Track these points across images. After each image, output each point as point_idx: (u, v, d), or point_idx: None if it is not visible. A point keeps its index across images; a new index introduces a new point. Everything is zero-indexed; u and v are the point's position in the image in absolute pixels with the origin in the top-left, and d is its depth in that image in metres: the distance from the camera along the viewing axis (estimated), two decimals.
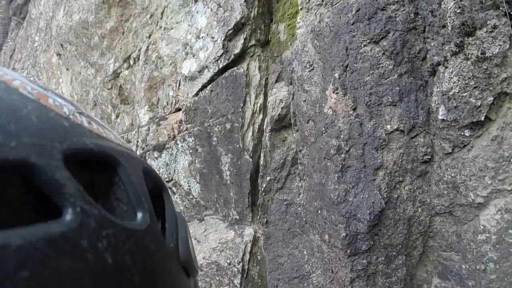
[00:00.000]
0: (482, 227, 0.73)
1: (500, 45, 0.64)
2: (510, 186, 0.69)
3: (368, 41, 0.78)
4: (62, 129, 0.20)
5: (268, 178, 0.94)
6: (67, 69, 1.85)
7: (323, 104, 0.78)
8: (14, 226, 0.16)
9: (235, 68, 1.10)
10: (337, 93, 0.76)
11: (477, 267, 0.73)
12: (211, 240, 1.09)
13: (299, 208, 0.91)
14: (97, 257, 0.18)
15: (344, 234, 0.71)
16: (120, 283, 0.19)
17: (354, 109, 0.73)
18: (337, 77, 0.78)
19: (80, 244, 0.18)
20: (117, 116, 1.57)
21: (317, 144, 0.77)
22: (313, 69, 0.91)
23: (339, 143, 0.72)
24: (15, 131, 0.17)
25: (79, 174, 0.21)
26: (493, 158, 0.70)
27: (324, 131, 0.75)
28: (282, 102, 0.97)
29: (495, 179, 0.70)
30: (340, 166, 0.71)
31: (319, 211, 0.79)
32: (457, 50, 0.69)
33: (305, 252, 0.90)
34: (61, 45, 1.83)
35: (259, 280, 1.00)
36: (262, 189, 0.95)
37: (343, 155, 0.71)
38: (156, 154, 1.29)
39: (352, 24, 0.81)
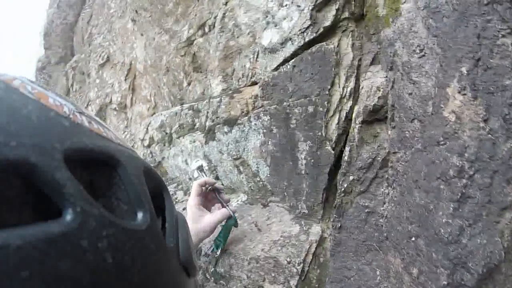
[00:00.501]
0: None
1: None
2: None
3: (508, 30, 0.60)
4: (62, 129, 0.20)
5: (351, 178, 0.83)
6: (142, 35, 1.83)
7: (441, 105, 0.63)
8: (14, 226, 0.16)
9: (324, 43, 0.96)
10: (464, 94, 0.60)
11: None
12: (273, 232, 1.03)
13: (381, 220, 0.79)
14: (97, 257, 0.18)
15: (445, 282, 0.58)
16: (120, 283, 0.19)
17: (486, 121, 0.57)
18: (465, 72, 0.61)
19: (80, 244, 0.17)
20: (188, 84, 1.52)
21: (428, 156, 0.63)
22: (424, 55, 0.75)
23: (463, 163, 0.56)
24: (15, 131, 0.17)
25: (79, 174, 0.21)
26: None
27: (442, 142, 0.60)
28: (380, 91, 0.83)
29: None
30: (459, 194, 0.56)
31: (413, 238, 0.66)
32: None
33: (377, 272, 0.79)
34: (136, 11, 1.79)
35: (317, 285, 0.92)
36: (343, 188, 0.84)
37: (464, 181, 0.56)
38: (226, 128, 1.22)
39: (486, 4, 0.63)
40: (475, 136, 0.56)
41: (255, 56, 1.16)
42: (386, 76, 0.85)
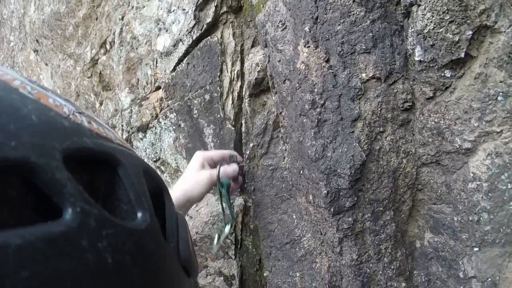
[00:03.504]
0: (472, 174, 0.69)
1: None
2: (499, 127, 0.65)
3: None
4: (62, 128, 0.20)
5: (251, 145, 0.91)
6: (46, 64, 1.81)
7: (295, 60, 0.74)
8: (14, 226, 0.16)
9: (209, 37, 1.06)
10: (309, 46, 0.72)
11: (470, 219, 0.70)
12: (203, 215, 1.08)
13: (284, 172, 0.88)
14: (97, 257, 0.18)
15: (325, 191, 0.68)
16: (120, 283, 0.19)
17: (327, 61, 0.69)
18: (308, 30, 0.73)
19: (80, 244, 0.18)
20: (100, 104, 1.54)
21: (293, 103, 0.74)
22: (285, 27, 0.87)
23: (313, 97, 0.68)
24: (15, 130, 0.17)
25: (79, 174, 0.21)
26: (478, 98, 0.65)
27: (298, 87, 0.71)
28: (258, 66, 0.93)
29: (482, 120, 0.66)
30: (316, 120, 0.68)
31: (301, 171, 0.76)
32: None
33: (294, 216, 0.88)
34: (37, 40, 1.78)
35: (254, 249, 0.99)
36: (247, 156, 0.92)
37: (318, 109, 0.68)
38: (141, 135, 1.26)
39: None
40: (320, 74, 0.68)
41: (155, 62, 1.23)
42: (264, 53, 0.97)
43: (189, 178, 0.84)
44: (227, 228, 0.88)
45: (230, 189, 0.87)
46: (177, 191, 0.81)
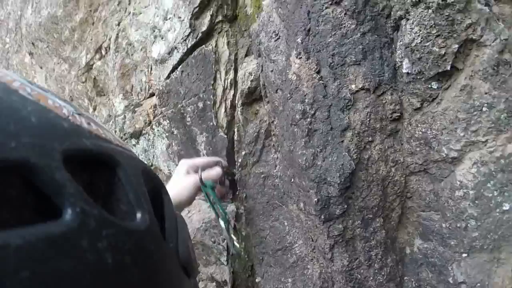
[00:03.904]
0: (458, 182, 0.71)
1: None
2: (484, 137, 0.67)
3: (329, 2, 0.76)
4: (61, 129, 0.21)
5: (243, 153, 0.93)
6: (41, 67, 1.81)
7: (287, 71, 0.76)
8: (14, 226, 0.16)
9: (204, 46, 1.08)
10: (300, 57, 0.74)
11: (458, 225, 0.72)
12: (195, 221, 1.09)
13: (276, 180, 0.89)
14: (97, 257, 0.18)
15: (315, 199, 0.70)
16: (120, 283, 0.19)
17: (318, 72, 0.71)
18: (300, 42, 0.75)
19: (80, 244, 0.18)
20: (94, 109, 1.54)
21: (285, 112, 0.76)
22: (278, 38, 0.89)
23: (304, 107, 0.70)
24: (15, 131, 0.17)
25: (79, 175, 0.21)
26: (463, 109, 0.68)
27: (289, 97, 0.73)
28: (251, 75, 0.95)
29: (467, 130, 0.68)
30: (307, 130, 0.69)
31: (292, 180, 0.78)
32: (418, 0, 0.66)
33: (285, 223, 0.89)
34: (32, 43, 1.79)
35: (246, 256, 1.00)
36: (239, 164, 0.93)
37: (308, 119, 0.70)
38: (134, 141, 1.27)
39: None
40: (310, 85, 0.70)
41: (149, 69, 1.24)
42: (257, 62, 0.99)
43: (175, 184, 0.86)
44: (222, 223, 0.89)
45: (215, 189, 0.89)
46: None
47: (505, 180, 0.66)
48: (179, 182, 0.86)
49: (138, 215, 0.23)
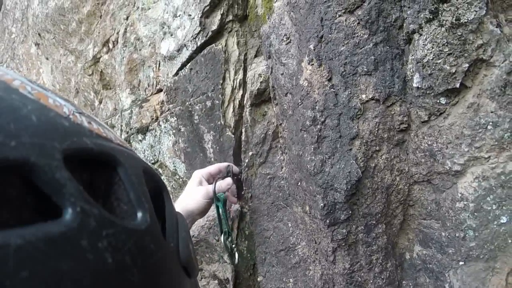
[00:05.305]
0: (460, 194, 0.73)
1: (476, 11, 0.63)
2: (487, 153, 0.69)
3: (343, 11, 0.77)
4: (62, 129, 0.20)
5: (250, 153, 0.94)
6: (47, 59, 1.81)
7: (298, 77, 0.77)
8: (14, 226, 0.16)
9: (213, 44, 1.08)
10: (312, 64, 0.75)
11: (456, 235, 0.74)
12: (200, 219, 1.10)
13: (282, 182, 0.91)
14: (97, 257, 0.18)
15: (322, 204, 0.72)
16: (120, 283, 0.19)
17: (329, 80, 0.72)
18: (312, 48, 0.76)
19: (80, 244, 0.17)
20: (100, 102, 1.55)
21: (294, 117, 0.77)
22: (290, 41, 0.90)
23: (315, 114, 0.71)
24: (15, 130, 0.17)
25: (79, 174, 0.21)
26: (469, 125, 0.69)
27: (300, 103, 0.74)
28: (261, 77, 0.96)
29: (471, 146, 0.70)
30: (316, 137, 0.71)
31: (299, 183, 0.79)
32: (432, 17, 0.67)
33: (289, 225, 0.91)
34: (39, 34, 1.78)
35: (248, 255, 1.02)
36: (245, 164, 0.95)
37: (318, 126, 0.71)
38: (140, 137, 1.28)
39: None
40: (322, 92, 0.71)
41: (157, 65, 1.25)
42: (267, 64, 0.99)
43: (187, 195, 0.89)
44: (222, 238, 0.92)
45: (226, 203, 0.92)
46: (177, 207, 0.84)
47: (504, 195, 0.68)
48: (190, 194, 0.88)
49: (139, 214, 0.23)
